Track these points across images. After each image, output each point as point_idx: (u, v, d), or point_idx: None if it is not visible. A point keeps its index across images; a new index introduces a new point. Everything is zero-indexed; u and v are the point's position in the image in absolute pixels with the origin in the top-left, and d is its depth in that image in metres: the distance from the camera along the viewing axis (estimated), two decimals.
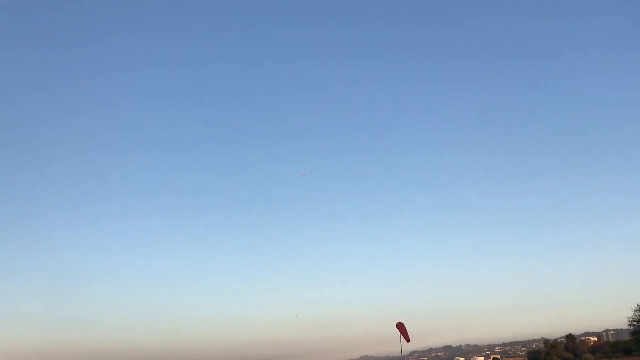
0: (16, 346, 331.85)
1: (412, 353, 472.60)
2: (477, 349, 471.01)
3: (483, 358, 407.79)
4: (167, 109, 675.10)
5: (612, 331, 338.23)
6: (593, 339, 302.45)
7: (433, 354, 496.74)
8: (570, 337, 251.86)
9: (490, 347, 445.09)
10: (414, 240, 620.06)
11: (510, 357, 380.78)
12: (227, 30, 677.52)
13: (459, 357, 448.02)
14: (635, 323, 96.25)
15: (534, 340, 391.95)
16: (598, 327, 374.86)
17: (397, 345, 33.40)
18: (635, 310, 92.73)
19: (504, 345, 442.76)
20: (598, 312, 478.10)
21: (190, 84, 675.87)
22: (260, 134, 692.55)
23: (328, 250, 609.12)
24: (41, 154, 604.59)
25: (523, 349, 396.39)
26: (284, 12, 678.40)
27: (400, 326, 31.26)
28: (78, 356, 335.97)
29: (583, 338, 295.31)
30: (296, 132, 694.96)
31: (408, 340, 31.02)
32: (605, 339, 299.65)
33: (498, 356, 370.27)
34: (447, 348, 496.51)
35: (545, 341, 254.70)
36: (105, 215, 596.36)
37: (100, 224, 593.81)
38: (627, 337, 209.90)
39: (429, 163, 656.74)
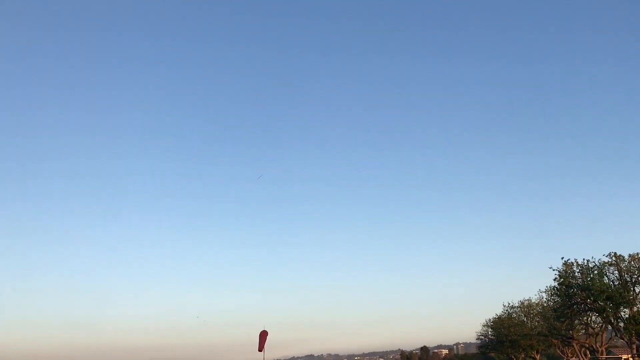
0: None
1: None
2: (337, 359, 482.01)
3: None
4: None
5: (462, 344, 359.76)
6: (445, 351, 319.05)
7: None
8: (424, 349, 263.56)
9: (350, 357, 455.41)
10: (280, 249, 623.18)
11: None
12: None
13: None
14: (482, 337, 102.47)
15: (391, 352, 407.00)
16: (450, 340, 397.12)
17: (258, 353, 31.85)
18: (483, 325, 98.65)
19: (362, 355, 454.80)
20: (451, 326, 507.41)
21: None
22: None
23: (201, 254, 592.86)
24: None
25: (381, 359, 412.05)
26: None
27: (262, 334, 29.91)
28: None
29: (436, 350, 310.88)
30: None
31: (260, 350, 29.96)
32: (455, 352, 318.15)
33: None
34: (309, 357, 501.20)
35: (402, 352, 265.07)
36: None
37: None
38: (475, 350, 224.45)
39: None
